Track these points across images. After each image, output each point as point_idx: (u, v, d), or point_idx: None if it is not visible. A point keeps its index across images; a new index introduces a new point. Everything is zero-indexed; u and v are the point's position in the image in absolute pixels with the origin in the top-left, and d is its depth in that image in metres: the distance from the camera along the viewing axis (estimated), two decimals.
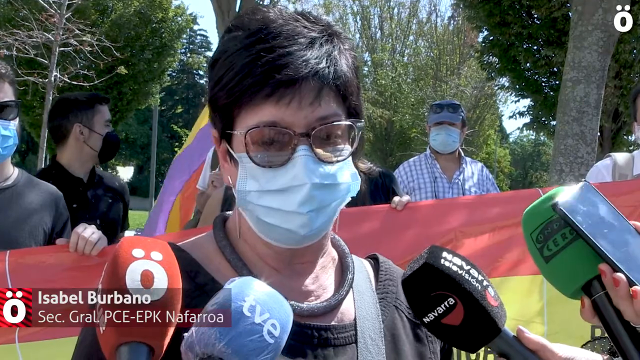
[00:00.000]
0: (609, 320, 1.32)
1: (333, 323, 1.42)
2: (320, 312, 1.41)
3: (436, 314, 1.27)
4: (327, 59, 1.34)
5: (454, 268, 1.27)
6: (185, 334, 1.08)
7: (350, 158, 1.41)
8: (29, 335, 3.15)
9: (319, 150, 1.34)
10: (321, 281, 1.47)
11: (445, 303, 1.26)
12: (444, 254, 1.30)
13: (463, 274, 1.27)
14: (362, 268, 1.57)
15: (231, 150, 1.39)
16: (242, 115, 1.34)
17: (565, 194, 1.35)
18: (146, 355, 1.07)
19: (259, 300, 1.08)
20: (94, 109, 4.64)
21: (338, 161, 1.37)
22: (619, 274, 1.28)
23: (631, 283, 1.27)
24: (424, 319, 1.29)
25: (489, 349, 3.27)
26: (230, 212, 1.56)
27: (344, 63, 1.38)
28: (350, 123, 1.39)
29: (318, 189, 1.35)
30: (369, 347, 1.42)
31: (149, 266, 1.09)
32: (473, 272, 1.29)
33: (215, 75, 1.38)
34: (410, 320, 1.52)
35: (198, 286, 1.35)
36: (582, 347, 3.55)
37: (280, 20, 1.36)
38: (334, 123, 1.36)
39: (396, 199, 3.84)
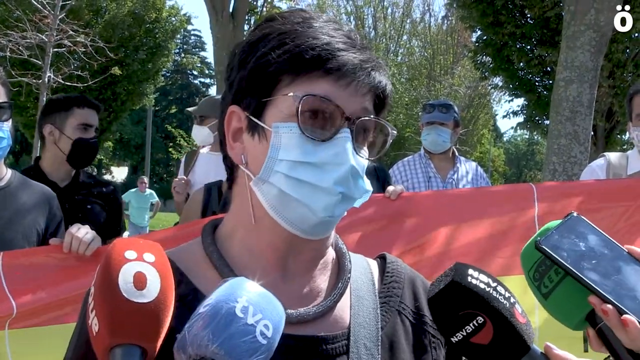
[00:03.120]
0: (616, 347, 1.32)
1: (323, 333, 1.38)
2: (310, 317, 1.37)
3: (465, 333, 1.24)
4: (379, 67, 1.39)
5: (482, 285, 1.25)
6: (178, 335, 1.08)
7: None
8: (19, 323, 3.17)
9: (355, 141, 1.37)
10: (316, 284, 1.44)
11: (474, 322, 1.24)
12: (470, 271, 1.27)
13: (491, 292, 1.25)
14: (366, 270, 1.53)
15: (259, 122, 1.36)
16: (293, 83, 1.33)
17: (551, 230, 1.37)
18: (139, 357, 1.06)
19: (252, 301, 1.07)
20: (68, 111, 4.49)
21: (363, 157, 1.39)
22: (607, 305, 1.28)
23: (621, 311, 1.28)
24: (452, 339, 1.26)
25: None
26: (221, 217, 1.53)
27: (387, 78, 1.43)
28: (389, 128, 1.43)
29: (353, 174, 1.35)
30: (362, 357, 1.37)
31: (142, 268, 1.08)
32: (500, 289, 1.27)
33: (263, 45, 1.36)
34: (414, 325, 1.48)
35: (178, 297, 1.22)
36: (605, 359, 3.53)
37: (331, 21, 1.42)
38: (378, 119, 1.40)
39: (390, 188, 3.87)
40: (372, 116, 1.39)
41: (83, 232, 3.31)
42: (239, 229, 1.44)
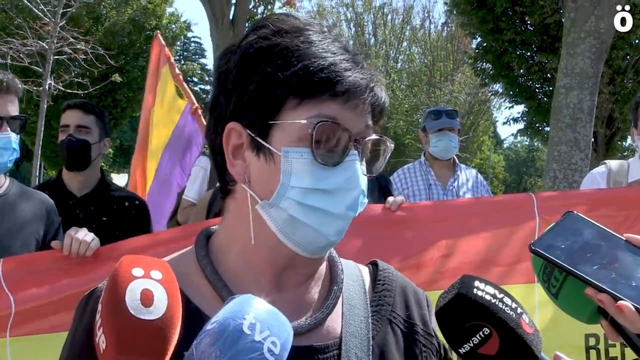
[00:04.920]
0: (629, 335, 1.34)
1: (315, 343, 1.37)
2: (304, 330, 1.37)
3: (472, 345, 1.26)
4: (379, 83, 1.39)
5: (487, 297, 1.27)
6: (186, 353, 1.08)
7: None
8: (20, 332, 3.18)
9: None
10: (309, 296, 1.44)
11: (481, 333, 1.25)
12: (476, 283, 1.29)
13: (497, 303, 1.27)
14: (358, 277, 1.53)
15: (266, 144, 1.33)
16: (300, 106, 1.31)
17: (546, 231, 1.40)
18: None
19: (259, 318, 1.07)
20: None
21: (365, 175, 1.39)
22: (602, 294, 1.30)
23: (616, 298, 1.29)
24: (460, 350, 1.28)
25: None
26: (215, 227, 1.51)
27: (385, 91, 1.42)
28: (389, 142, 1.43)
29: (362, 196, 1.36)
30: None
31: (149, 285, 1.08)
32: (506, 300, 1.28)
33: (266, 63, 1.32)
34: (405, 334, 1.48)
35: None
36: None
37: (326, 31, 1.39)
38: (382, 137, 1.40)
39: (390, 199, 3.85)
40: (375, 135, 1.39)
41: (82, 233, 3.32)
42: (236, 243, 1.42)
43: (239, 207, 1.41)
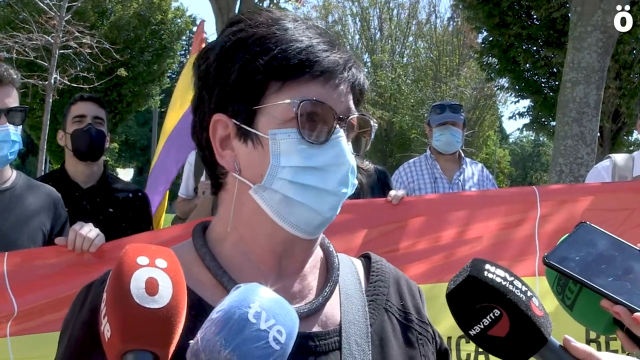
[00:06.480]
0: None
1: (315, 329, 1.40)
2: (304, 314, 1.38)
3: (482, 326, 1.27)
4: (357, 64, 1.42)
5: (498, 280, 1.28)
6: (191, 341, 1.07)
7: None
8: (21, 330, 3.18)
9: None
10: (307, 282, 1.46)
11: (491, 315, 1.27)
12: (487, 266, 1.31)
13: (507, 285, 1.28)
14: (352, 269, 1.56)
15: (252, 129, 1.36)
16: (283, 89, 1.34)
17: (559, 243, 1.41)
18: None
19: (265, 307, 1.07)
20: (67, 111, 4.61)
21: (353, 153, 1.41)
22: (617, 306, 1.31)
23: (632, 310, 1.29)
24: (470, 332, 1.29)
25: (479, 350, 3.25)
26: (210, 219, 1.53)
27: (364, 73, 1.45)
28: (373, 123, 1.47)
29: (351, 173, 1.39)
30: (354, 353, 1.39)
31: (154, 274, 1.07)
32: (517, 282, 1.29)
33: (245, 52, 1.36)
34: (401, 322, 1.51)
35: None
36: (627, 354, 3.52)
37: (300, 20, 1.42)
38: (364, 115, 1.44)
39: (392, 192, 3.85)
40: (358, 114, 1.42)
41: (87, 229, 3.32)
42: (231, 233, 1.44)
43: (230, 198, 1.44)
